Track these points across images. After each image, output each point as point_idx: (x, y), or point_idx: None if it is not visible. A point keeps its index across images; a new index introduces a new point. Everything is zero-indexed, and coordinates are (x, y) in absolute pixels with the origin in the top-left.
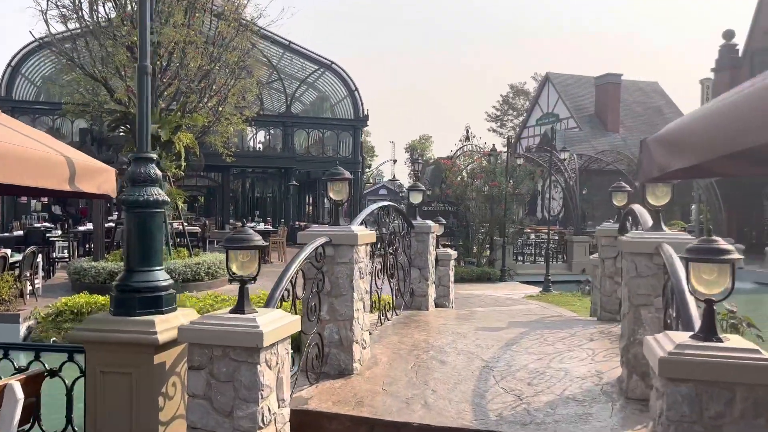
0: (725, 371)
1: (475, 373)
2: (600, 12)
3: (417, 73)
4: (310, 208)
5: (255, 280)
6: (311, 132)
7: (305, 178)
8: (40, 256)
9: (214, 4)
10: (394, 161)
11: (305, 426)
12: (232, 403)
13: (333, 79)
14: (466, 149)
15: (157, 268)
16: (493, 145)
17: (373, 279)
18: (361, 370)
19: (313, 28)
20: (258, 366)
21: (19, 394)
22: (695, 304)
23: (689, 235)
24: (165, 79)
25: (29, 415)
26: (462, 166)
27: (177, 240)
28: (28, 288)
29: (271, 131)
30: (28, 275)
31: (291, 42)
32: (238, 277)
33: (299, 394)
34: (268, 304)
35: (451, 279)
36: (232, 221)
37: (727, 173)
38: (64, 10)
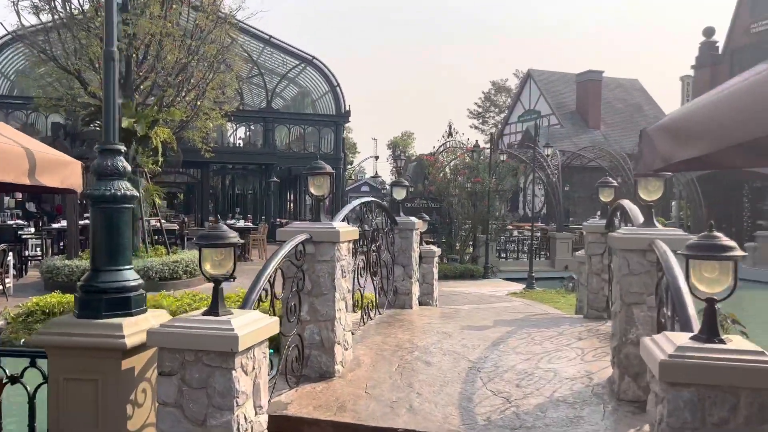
0: (729, 375)
1: (461, 374)
2: (581, 9)
3: (399, 70)
4: (292, 204)
5: (234, 279)
6: (292, 128)
7: (286, 174)
8: (12, 254)
9: None
10: (376, 158)
11: None
12: (205, 411)
13: (314, 75)
14: (449, 145)
15: (126, 267)
16: (476, 141)
17: (356, 277)
18: (343, 373)
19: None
20: (233, 371)
21: None
22: (692, 303)
23: (681, 230)
24: (141, 73)
25: None
26: (445, 163)
27: (155, 238)
28: None
29: (252, 127)
30: None
31: (272, 36)
32: (213, 277)
33: (278, 399)
34: (244, 305)
35: (435, 276)
36: (211, 218)
37: (735, 164)
38: (37, 1)
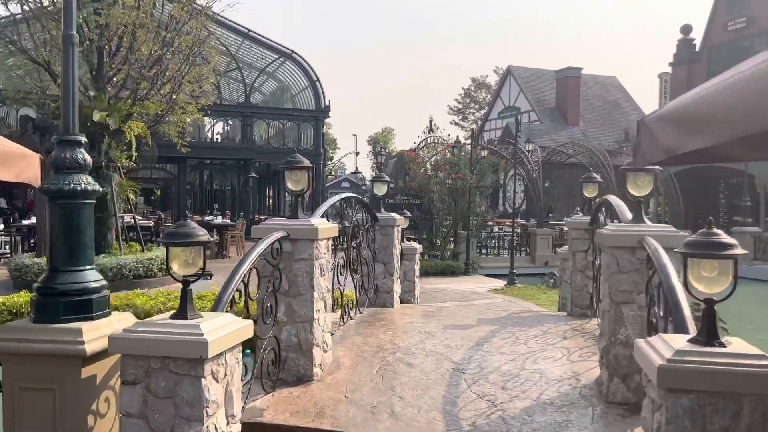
0: (732, 380)
1: (445, 376)
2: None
3: (379, 66)
4: (271, 201)
5: (210, 277)
6: (271, 123)
7: (265, 170)
8: None
9: None
10: (357, 153)
11: None
12: (172, 422)
13: (294, 69)
14: (429, 141)
15: (87, 267)
16: (458, 136)
17: (336, 275)
18: (322, 376)
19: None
20: (202, 379)
21: None
22: (687, 303)
23: (672, 227)
24: (114, 65)
25: None
26: (426, 158)
27: (129, 234)
28: None
29: (230, 122)
30: None
31: (250, 30)
32: (180, 277)
33: (253, 405)
34: (215, 308)
35: (417, 274)
36: (188, 214)
37: (739, 157)
38: None
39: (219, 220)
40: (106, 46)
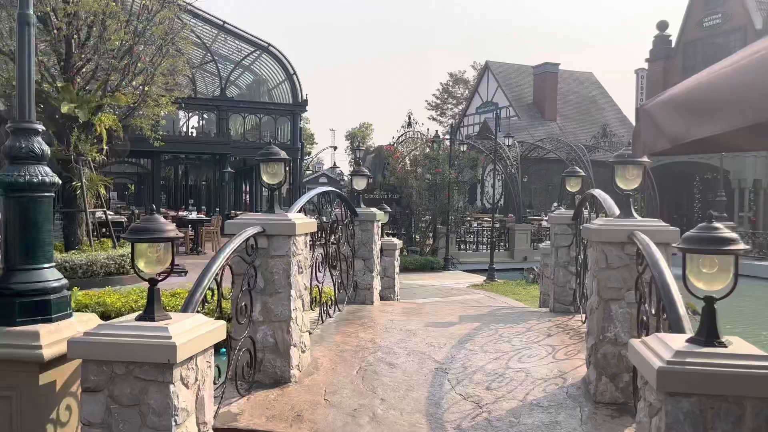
0: (735, 383)
1: (428, 377)
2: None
3: (357, 61)
4: (247, 196)
5: (185, 274)
6: (247, 117)
7: (241, 165)
8: None
9: None
10: (335, 148)
11: None
12: None
13: (270, 62)
14: (408, 135)
15: (45, 265)
16: (437, 131)
17: (314, 272)
18: (299, 378)
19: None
20: (171, 386)
21: None
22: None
23: (662, 221)
24: (83, 55)
25: None
26: (405, 153)
27: (101, 230)
28: None
29: (205, 116)
30: None
31: (225, 22)
32: (147, 276)
33: (227, 409)
34: (186, 308)
35: (397, 270)
36: (163, 210)
37: (754, 146)
38: None
39: (194, 215)
40: (75, 36)
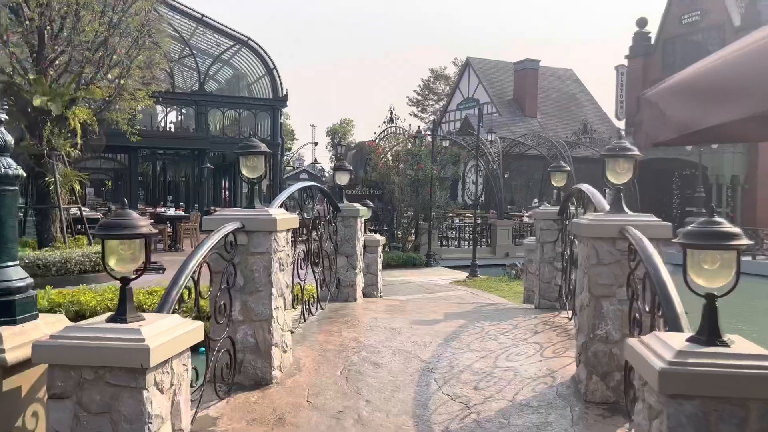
0: (738, 384)
1: (414, 376)
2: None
3: (338, 57)
4: (227, 193)
5: (163, 271)
6: (227, 112)
7: (221, 161)
8: None
9: None
10: (315, 144)
11: None
12: None
13: (250, 57)
14: (390, 131)
15: (8, 264)
16: (419, 126)
17: (296, 268)
18: (281, 379)
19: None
20: (144, 391)
21: None
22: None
23: (654, 216)
24: (57, 47)
25: None
26: (387, 149)
27: (76, 227)
28: None
29: (183, 110)
30: None
31: (204, 15)
32: (119, 275)
33: (205, 413)
34: (161, 308)
35: (380, 266)
36: (141, 206)
37: (749, 137)
38: None
39: (172, 211)
40: (48, 27)
